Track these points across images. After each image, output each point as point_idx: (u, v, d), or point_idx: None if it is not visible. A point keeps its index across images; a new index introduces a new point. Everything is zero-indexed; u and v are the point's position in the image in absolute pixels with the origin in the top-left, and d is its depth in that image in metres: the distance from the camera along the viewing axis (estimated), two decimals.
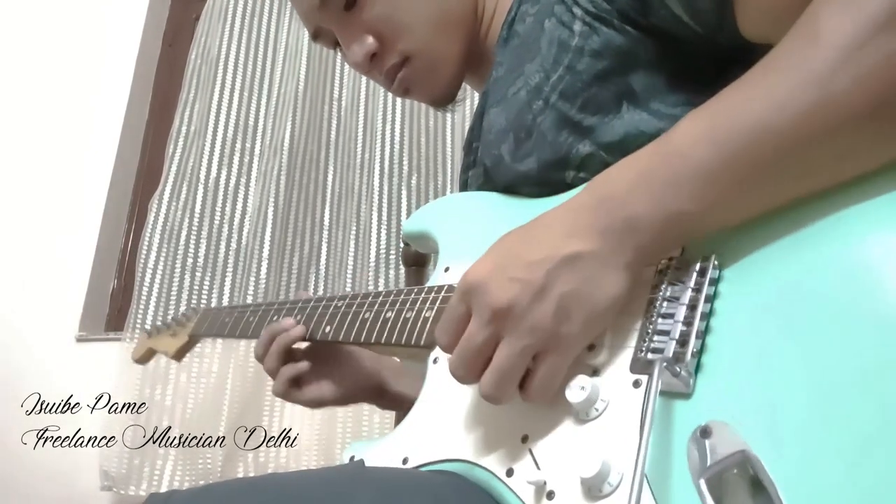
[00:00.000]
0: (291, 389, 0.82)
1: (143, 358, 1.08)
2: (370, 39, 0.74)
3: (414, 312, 0.65)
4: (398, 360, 0.90)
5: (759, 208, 0.44)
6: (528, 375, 0.47)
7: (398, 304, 0.68)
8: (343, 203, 1.82)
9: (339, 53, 0.83)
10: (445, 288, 0.64)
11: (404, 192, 1.77)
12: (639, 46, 0.59)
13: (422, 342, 0.63)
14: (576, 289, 0.45)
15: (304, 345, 0.82)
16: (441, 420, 0.57)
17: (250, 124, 2.00)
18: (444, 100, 0.82)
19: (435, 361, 0.62)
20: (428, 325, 0.63)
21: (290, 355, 0.81)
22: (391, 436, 0.61)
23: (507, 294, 0.46)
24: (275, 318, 0.83)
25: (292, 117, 1.89)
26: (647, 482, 0.40)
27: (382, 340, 0.68)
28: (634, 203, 0.45)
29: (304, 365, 0.81)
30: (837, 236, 0.41)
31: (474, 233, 0.68)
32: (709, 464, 0.38)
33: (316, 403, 0.84)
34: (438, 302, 0.63)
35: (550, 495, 0.44)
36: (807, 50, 0.41)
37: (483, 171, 0.71)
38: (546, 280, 0.45)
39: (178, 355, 1.00)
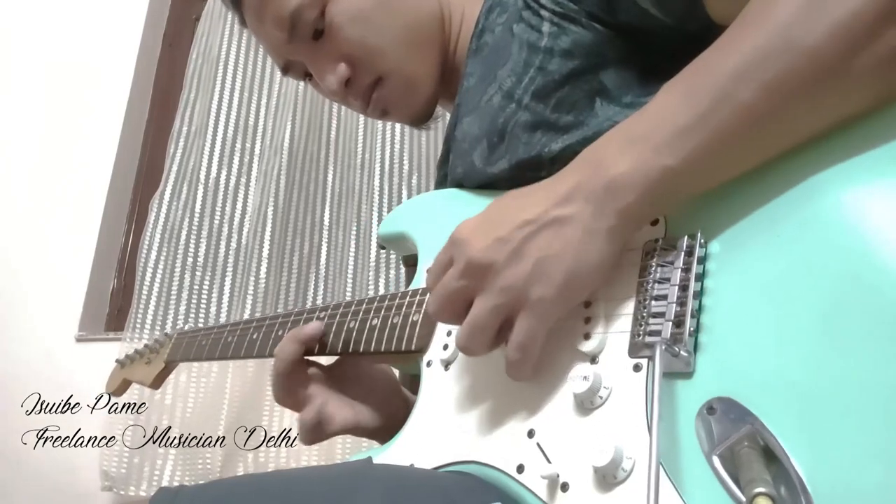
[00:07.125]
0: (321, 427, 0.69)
1: (119, 390, 1.04)
2: (342, 66, 0.73)
3: (401, 317, 0.64)
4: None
5: (744, 164, 0.44)
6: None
7: (383, 310, 0.66)
8: (343, 203, 1.82)
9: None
10: None
11: (405, 192, 1.77)
12: (608, 44, 0.60)
13: (412, 347, 0.61)
14: (556, 253, 0.46)
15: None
16: (443, 423, 0.56)
17: (250, 124, 1.99)
18: (422, 118, 0.80)
19: (429, 365, 0.60)
20: (417, 329, 0.61)
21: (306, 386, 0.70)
22: (394, 443, 0.59)
23: (486, 251, 0.47)
24: (255, 335, 0.79)
25: (292, 117, 1.89)
26: (661, 464, 0.39)
27: (371, 349, 0.65)
28: (618, 164, 0.45)
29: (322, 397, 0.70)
30: (817, 201, 0.41)
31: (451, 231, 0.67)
32: (718, 440, 0.38)
33: (349, 430, 0.71)
34: (425, 305, 0.61)
35: (564, 487, 0.44)
36: (774, 2, 0.42)
37: (454, 180, 0.70)
38: (526, 242, 0.46)
39: (156, 383, 0.97)
